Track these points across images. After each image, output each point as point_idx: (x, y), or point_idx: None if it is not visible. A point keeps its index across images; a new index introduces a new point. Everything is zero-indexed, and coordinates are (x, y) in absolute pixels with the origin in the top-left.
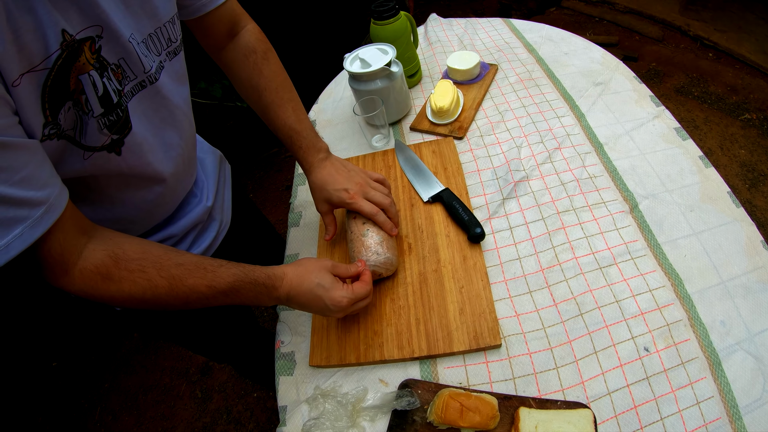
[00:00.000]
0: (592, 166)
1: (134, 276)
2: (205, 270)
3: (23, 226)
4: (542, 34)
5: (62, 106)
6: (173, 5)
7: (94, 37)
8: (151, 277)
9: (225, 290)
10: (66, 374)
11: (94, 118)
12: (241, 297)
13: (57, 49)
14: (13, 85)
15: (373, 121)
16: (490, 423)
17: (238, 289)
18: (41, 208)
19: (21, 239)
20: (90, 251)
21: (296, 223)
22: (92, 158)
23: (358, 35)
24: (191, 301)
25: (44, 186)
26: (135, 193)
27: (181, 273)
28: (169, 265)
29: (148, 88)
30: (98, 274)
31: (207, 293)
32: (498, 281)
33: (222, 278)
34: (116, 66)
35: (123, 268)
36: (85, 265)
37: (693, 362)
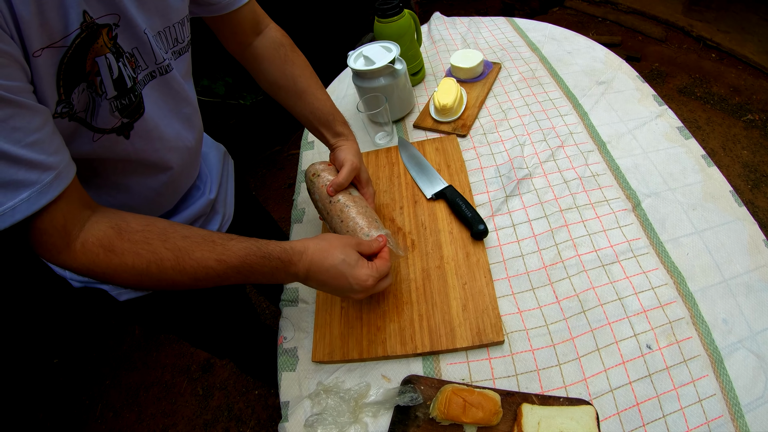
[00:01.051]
0: (594, 164)
1: (138, 248)
2: (213, 243)
3: (32, 191)
4: (545, 33)
5: (76, 86)
6: (185, 7)
7: (111, 25)
8: (156, 249)
9: (236, 265)
10: (67, 371)
11: (107, 100)
12: (255, 274)
13: (77, 28)
14: (33, 55)
15: (377, 119)
16: (492, 419)
17: (251, 264)
18: (51, 173)
19: (28, 203)
20: (93, 223)
21: (299, 219)
22: (101, 140)
23: (361, 33)
24: (200, 277)
25: (55, 153)
26: (140, 180)
27: (187, 245)
28: (175, 237)
29: (159, 78)
30: (100, 247)
31: (217, 268)
32: (501, 278)
33: (232, 251)
34: (130, 55)
35: (126, 239)
36: (87, 238)
37: (695, 360)
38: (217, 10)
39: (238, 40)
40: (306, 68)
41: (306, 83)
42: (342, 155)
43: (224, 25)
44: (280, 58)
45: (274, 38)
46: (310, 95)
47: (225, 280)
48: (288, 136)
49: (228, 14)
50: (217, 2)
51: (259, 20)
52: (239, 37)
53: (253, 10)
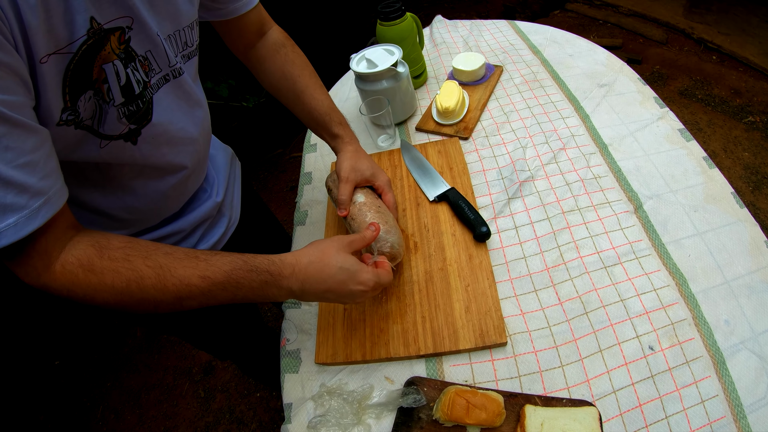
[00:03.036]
0: (596, 166)
1: (118, 265)
2: (197, 259)
3: (19, 216)
4: (547, 36)
5: (83, 93)
6: (194, 11)
7: (125, 28)
8: (137, 267)
9: (222, 281)
10: (68, 373)
11: (114, 107)
12: (244, 290)
13: (83, 35)
14: (40, 62)
15: (379, 121)
16: (496, 420)
17: (237, 279)
18: (40, 198)
19: (15, 229)
20: (74, 243)
21: (302, 221)
22: (108, 147)
23: (363, 36)
24: (183, 296)
25: (47, 177)
26: (147, 183)
27: (169, 262)
28: (156, 253)
29: (172, 82)
30: (80, 267)
31: (201, 285)
32: (503, 280)
33: (217, 267)
34: (143, 58)
35: (106, 257)
36: (67, 258)
37: (697, 361)
38: (225, 15)
39: (243, 43)
40: (305, 68)
41: (305, 83)
42: (338, 166)
43: (231, 28)
44: (281, 59)
45: (275, 39)
46: (308, 96)
47: (211, 299)
48: (290, 138)
49: (235, 18)
50: (224, 7)
51: (264, 22)
52: (244, 40)
53: (259, 14)
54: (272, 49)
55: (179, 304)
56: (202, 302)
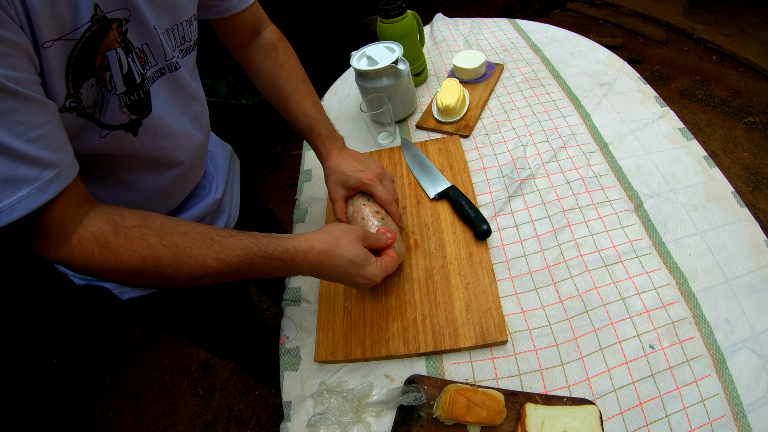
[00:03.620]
0: (597, 165)
1: (133, 244)
2: (212, 240)
3: (31, 188)
4: (548, 34)
5: (85, 80)
6: (194, 6)
7: (122, 20)
8: (152, 245)
9: (235, 264)
10: (67, 371)
11: (116, 96)
12: (254, 272)
13: (87, 22)
14: (43, 46)
15: (380, 119)
16: (496, 418)
17: (250, 263)
18: (52, 170)
19: (27, 201)
20: (90, 218)
21: (302, 219)
22: (109, 136)
23: (364, 34)
24: (197, 276)
25: (58, 150)
26: (146, 176)
27: (185, 242)
28: (172, 233)
29: (168, 75)
30: (96, 243)
31: (215, 267)
32: (504, 278)
33: (231, 250)
34: (140, 50)
35: (122, 235)
36: (83, 233)
37: (698, 360)
38: (220, 13)
39: (237, 41)
40: (294, 72)
41: (290, 90)
42: (327, 186)
43: (227, 26)
44: (271, 62)
45: (268, 41)
46: (292, 103)
47: (223, 278)
48: (289, 136)
49: (231, 16)
50: (220, 5)
51: (260, 22)
52: (239, 39)
53: (255, 12)
54: (264, 52)
55: (192, 282)
56: (214, 280)
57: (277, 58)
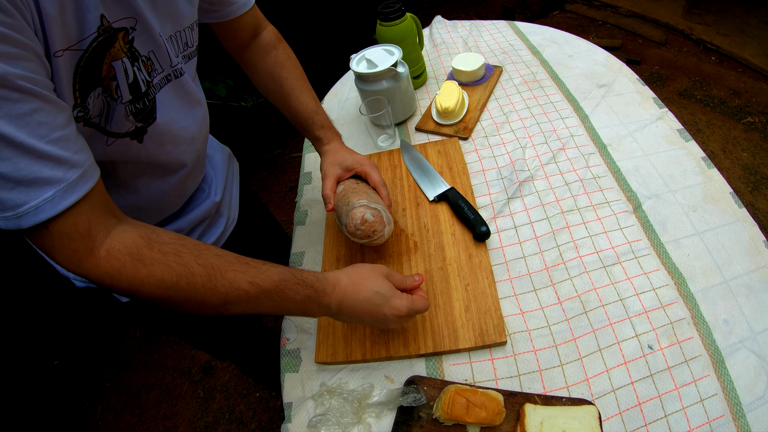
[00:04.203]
0: (595, 166)
1: (168, 259)
2: (247, 264)
3: (56, 189)
4: (546, 36)
5: (92, 90)
6: (195, 12)
7: (128, 29)
8: (188, 263)
9: (270, 289)
10: (67, 373)
11: (122, 104)
12: (287, 301)
13: (94, 32)
14: (55, 55)
15: (379, 121)
16: (496, 419)
17: (284, 289)
18: (77, 170)
19: (52, 203)
20: (121, 231)
21: (302, 221)
22: (115, 144)
23: (363, 36)
24: (230, 299)
25: (80, 151)
26: (149, 181)
27: (221, 263)
28: (208, 254)
29: (174, 82)
30: (128, 255)
31: (249, 290)
32: (503, 279)
33: (267, 275)
34: (146, 58)
35: (156, 249)
36: (113, 245)
37: (696, 360)
38: (220, 18)
39: (237, 43)
40: (294, 70)
41: (291, 86)
42: (321, 168)
43: (227, 29)
44: (271, 61)
45: (267, 41)
46: (293, 98)
47: (255, 306)
48: (289, 138)
49: (230, 20)
50: (219, 10)
51: (259, 23)
52: (239, 41)
53: (254, 15)
54: (263, 51)
55: (224, 307)
56: (246, 308)
57: (277, 57)
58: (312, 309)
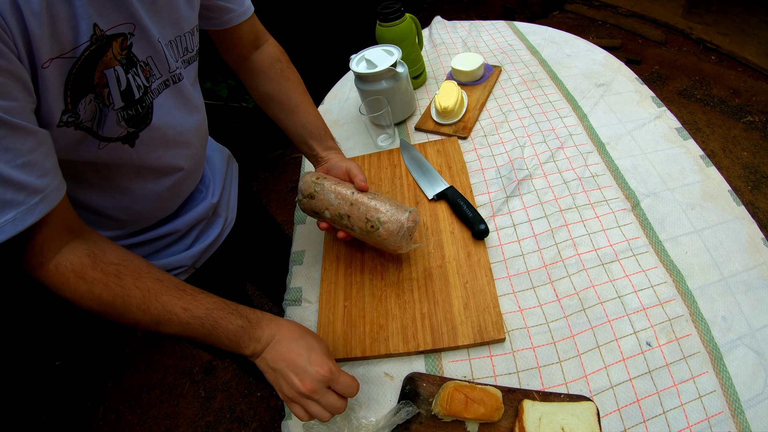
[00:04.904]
0: (594, 165)
1: (108, 279)
2: (183, 291)
3: (17, 211)
4: (545, 36)
5: (84, 96)
6: (195, 17)
7: (127, 34)
8: (125, 285)
9: (201, 316)
10: (69, 373)
11: (114, 111)
12: (218, 329)
13: (86, 41)
14: (42, 66)
15: (379, 121)
16: (494, 415)
17: (216, 318)
18: (38, 196)
19: (13, 224)
20: (70, 249)
21: (302, 220)
22: (107, 148)
23: (363, 37)
24: (162, 322)
25: (44, 175)
26: (144, 184)
27: (158, 288)
28: (147, 277)
29: (172, 87)
30: (72, 272)
31: (181, 315)
32: (502, 277)
33: (200, 302)
34: (144, 63)
35: (99, 269)
36: (60, 261)
37: (695, 357)
38: (218, 25)
39: (237, 53)
40: (300, 85)
41: (299, 99)
42: (343, 163)
43: (224, 38)
44: (276, 73)
45: (271, 54)
46: (302, 110)
47: (186, 331)
48: (290, 140)
49: (229, 28)
50: (218, 17)
51: (259, 35)
52: (238, 51)
53: (253, 26)
54: (267, 63)
55: (156, 327)
56: (178, 332)
57: (283, 70)
58: (243, 341)
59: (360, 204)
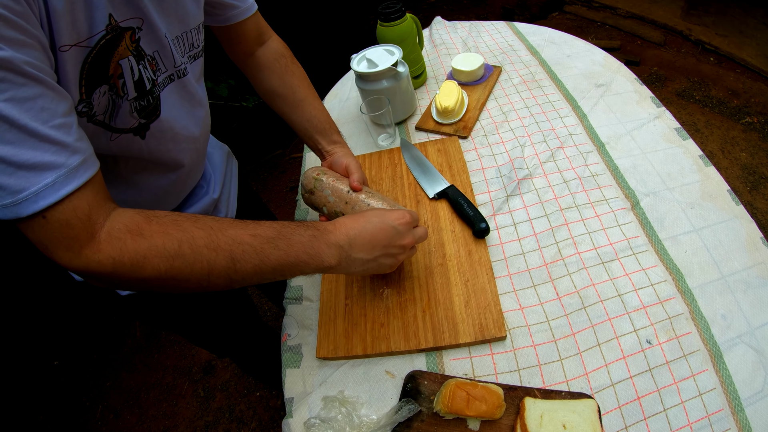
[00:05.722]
0: (594, 164)
1: (168, 228)
2: (244, 223)
3: (58, 174)
4: (545, 37)
5: (98, 87)
6: (201, 14)
7: (135, 29)
8: (187, 228)
9: (273, 237)
10: (67, 372)
11: (127, 101)
12: (294, 246)
13: (102, 30)
14: (60, 49)
15: (380, 121)
16: (496, 412)
17: (286, 234)
18: (78, 157)
19: (53, 188)
20: (119, 212)
21: (303, 219)
22: (118, 139)
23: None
24: (237, 256)
25: (81, 139)
26: (150, 177)
27: (219, 224)
28: (205, 218)
29: (177, 81)
30: (128, 232)
31: (253, 242)
32: (503, 275)
33: (266, 226)
34: (151, 57)
35: (155, 222)
36: (113, 225)
37: (695, 355)
38: (223, 21)
39: (241, 50)
40: (305, 80)
41: (304, 93)
42: (345, 159)
43: (229, 34)
44: (281, 68)
45: (275, 49)
46: (308, 105)
47: (265, 259)
48: (290, 139)
49: (233, 24)
50: (222, 13)
51: (263, 32)
52: (242, 47)
53: (257, 22)
54: (272, 58)
55: (233, 267)
56: (255, 264)
57: (287, 66)
58: (321, 249)
59: (355, 203)
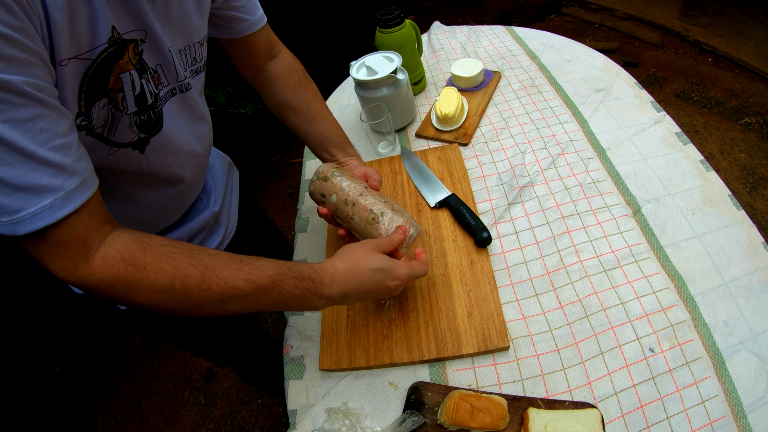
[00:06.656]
0: (595, 171)
1: (161, 261)
2: (241, 262)
3: (55, 197)
4: (544, 41)
5: (97, 100)
6: (205, 28)
7: (138, 41)
8: (181, 264)
9: (266, 285)
10: (68, 380)
11: (127, 116)
12: (285, 296)
13: (104, 43)
14: (60, 63)
15: (379, 128)
16: (500, 423)
17: (280, 284)
18: (76, 179)
19: (50, 210)
20: (114, 237)
21: (303, 228)
22: (117, 154)
23: (362, 44)
24: (227, 298)
25: (80, 159)
26: (149, 192)
27: (214, 263)
28: (200, 254)
29: (179, 96)
30: (122, 261)
31: (245, 288)
32: (505, 284)
33: (261, 270)
34: (153, 71)
35: (149, 253)
36: (108, 251)
37: (697, 362)
38: (233, 33)
39: (252, 63)
40: (317, 94)
41: (318, 108)
42: (362, 168)
43: (239, 47)
44: (294, 83)
45: (287, 64)
46: (322, 119)
47: (253, 303)
48: (288, 145)
49: (243, 37)
50: (232, 26)
51: (273, 45)
52: (253, 60)
53: (267, 35)
54: (285, 72)
55: (221, 306)
56: (244, 306)
57: (300, 80)
58: (312, 301)
59: (369, 196)
